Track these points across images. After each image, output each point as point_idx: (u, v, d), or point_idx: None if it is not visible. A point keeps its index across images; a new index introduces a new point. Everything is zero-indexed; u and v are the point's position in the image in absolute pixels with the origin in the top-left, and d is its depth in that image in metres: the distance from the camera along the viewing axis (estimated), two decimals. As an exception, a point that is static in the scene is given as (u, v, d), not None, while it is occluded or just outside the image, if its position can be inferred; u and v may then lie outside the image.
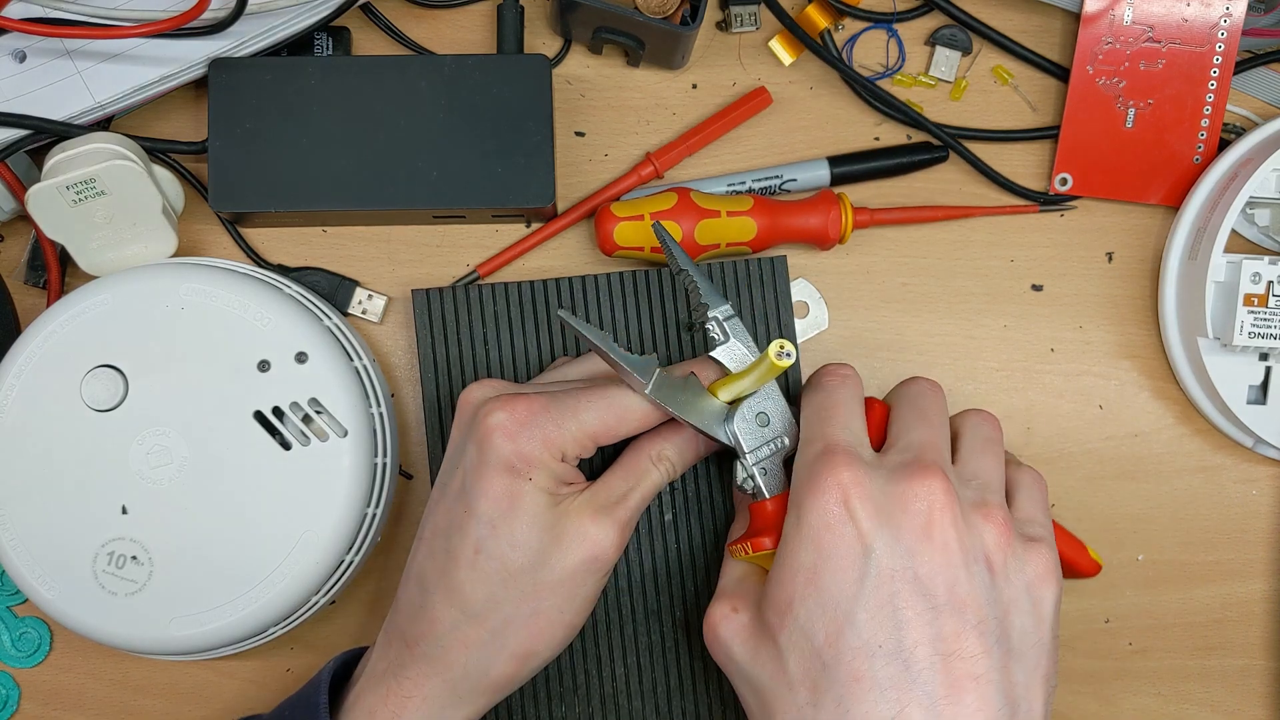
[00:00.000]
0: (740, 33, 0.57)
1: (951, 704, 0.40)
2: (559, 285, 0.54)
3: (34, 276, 0.55)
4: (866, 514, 0.42)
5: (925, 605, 0.41)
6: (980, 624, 0.41)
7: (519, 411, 0.45)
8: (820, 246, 0.55)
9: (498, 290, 0.53)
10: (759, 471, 0.47)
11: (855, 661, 0.40)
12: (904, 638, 0.40)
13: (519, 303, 0.54)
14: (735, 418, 0.47)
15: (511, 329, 0.54)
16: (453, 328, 0.53)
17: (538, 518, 0.45)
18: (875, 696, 0.40)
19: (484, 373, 0.54)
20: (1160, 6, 0.54)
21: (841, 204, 0.55)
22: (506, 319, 0.54)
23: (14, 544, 0.49)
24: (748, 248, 0.54)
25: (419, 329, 0.53)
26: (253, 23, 0.52)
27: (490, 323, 0.54)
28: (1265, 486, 0.57)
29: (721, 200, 0.54)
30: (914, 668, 0.40)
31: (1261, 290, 0.53)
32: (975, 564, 0.42)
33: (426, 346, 0.54)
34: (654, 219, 0.53)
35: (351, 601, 0.56)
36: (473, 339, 0.53)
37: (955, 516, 0.42)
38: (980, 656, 0.41)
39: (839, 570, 0.41)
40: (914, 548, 0.41)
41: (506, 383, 0.49)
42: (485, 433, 0.45)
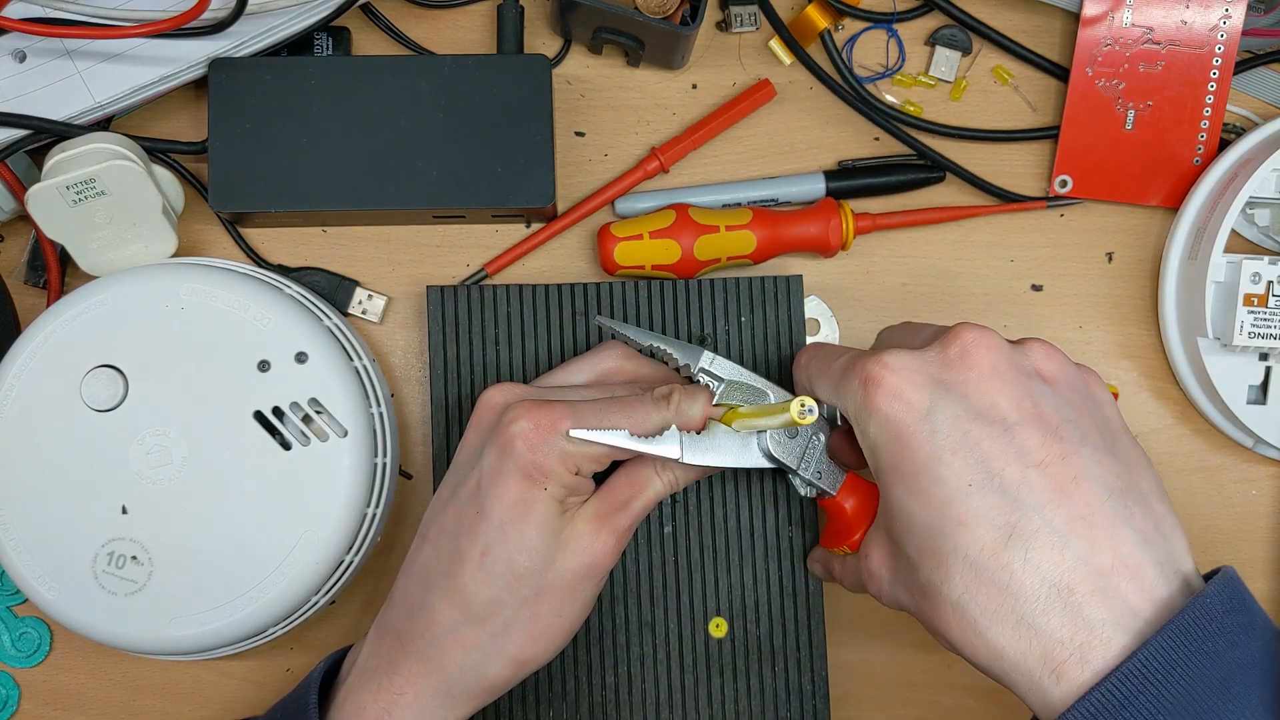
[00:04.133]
0: (740, 33, 0.57)
1: (1059, 508, 0.40)
2: (574, 290, 0.53)
3: (34, 276, 0.55)
4: (912, 384, 0.42)
5: (998, 430, 0.41)
6: (1058, 429, 0.41)
7: (542, 421, 0.45)
8: (823, 255, 0.56)
9: (512, 291, 0.53)
10: (815, 476, 0.48)
11: (955, 509, 0.40)
12: (990, 466, 0.40)
13: (533, 305, 0.53)
14: (767, 442, 0.47)
15: (524, 330, 0.53)
16: (464, 326, 0.53)
17: (546, 524, 0.45)
18: (984, 528, 0.40)
19: (493, 374, 0.53)
20: (1160, 8, 0.54)
21: (842, 212, 0.55)
22: (520, 320, 0.53)
23: (14, 544, 0.49)
24: (749, 260, 0.54)
25: (431, 325, 0.53)
26: (253, 23, 0.52)
27: (503, 323, 0.53)
28: (1265, 486, 0.57)
29: (719, 215, 0.54)
30: (1009, 488, 0.40)
31: (1261, 290, 0.53)
32: (1031, 380, 0.42)
33: (438, 343, 0.53)
34: (653, 237, 0.53)
35: (351, 601, 0.56)
36: (484, 339, 0.53)
37: (998, 345, 0.42)
38: (1070, 457, 0.40)
39: (910, 445, 0.41)
40: (967, 388, 0.42)
41: (526, 387, 0.49)
42: (508, 439, 0.45)
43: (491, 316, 0.53)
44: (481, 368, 0.53)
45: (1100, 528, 0.39)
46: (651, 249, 0.54)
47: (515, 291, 0.53)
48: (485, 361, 0.53)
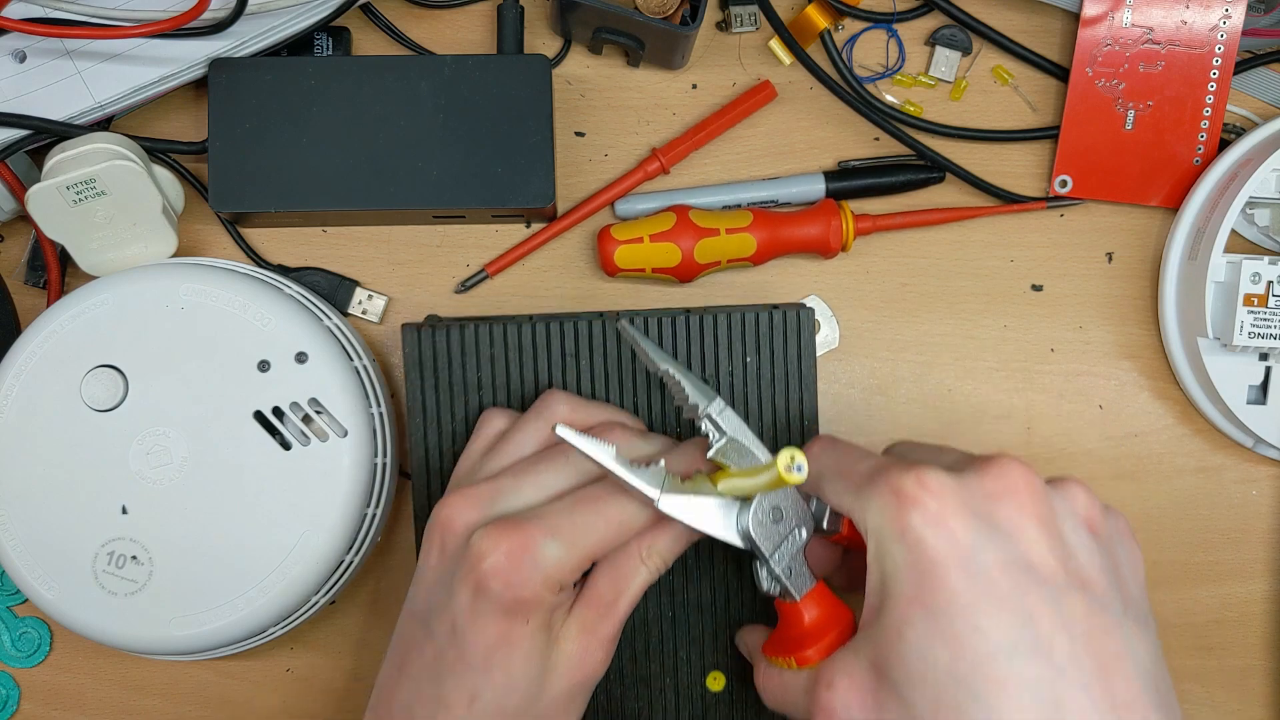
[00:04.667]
0: (740, 33, 0.57)
1: (1103, 690, 0.36)
2: (564, 328, 0.51)
3: (34, 276, 0.55)
4: (954, 512, 0.38)
5: (1047, 591, 0.37)
6: (1103, 595, 0.38)
7: (514, 548, 0.42)
8: (823, 256, 0.56)
9: (495, 331, 0.51)
10: (785, 573, 0.44)
11: (995, 668, 0.36)
12: (1038, 631, 0.37)
13: (518, 345, 0.51)
14: (749, 518, 0.44)
15: (509, 374, 0.51)
16: (444, 371, 0.51)
17: (532, 657, 0.43)
18: (1027, 697, 0.36)
19: (472, 419, 0.50)
20: (1160, 8, 0.54)
21: (842, 213, 0.55)
22: (504, 361, 0.51)
23: (14, 544, 0.49)
24: (749, 262, 0.54)
25: (408, 370, 0.51)
26: (253, 23, 0.52)
27: (485, 366, 0.51)
28: (1265, 486, 0.57)
29: (720, 217, 0.54)
30: (1056, 659, 0.37)
31: (1261, 290, 0.53)
32: (1078, 531, 0.39)
33: (415, 390, 0.51)
34: (653, 240, 0.53)
35: (351, 601, 0.56)
36: (465, 384, 0.51)
37: (1041, 488, 0.39)
38: (1113, 631, 0.38)
39: (946, 582, 0.37)
40: (1014, 532, 0.38)
41: (486, 489, 0.45)
42: (482, 577, 0.42)
43: (474, 359, 0.51)
44: (464, 417, 0.51)
45: (1138, 716, 0.37)
46: (652, 252, 0.54)
47: (499, 331, 0.50)
48: (469, 410, 0.51)
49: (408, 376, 0.51)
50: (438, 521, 0.44)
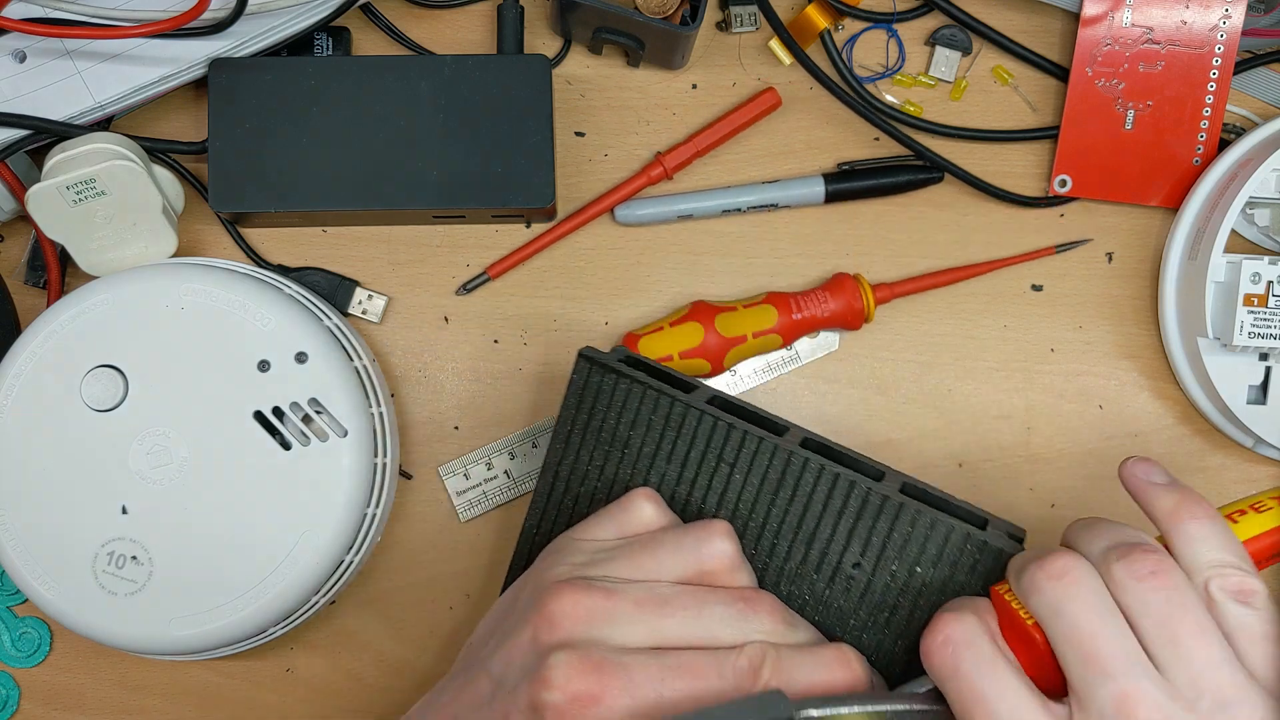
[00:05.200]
0: (740, 33, 0.57)
1: None
2: (744, 437, 0.45)
3: (34, 276, 0.55)
4: None
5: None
6: None
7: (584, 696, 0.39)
8: (849, 329, 0.56)
9: (663, 402, 0.46)
10: None
11: None
12: None
13: (679, 425, 0.46)
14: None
15: (659, 447, 0.46)
16: (601, 412, 0.47)
17: None
18: None
19: (610, 472, 0.47)
20: (1160, 8, 0.54)
21: (860, 287, 0.55)
22: (659, 435, 0.46)
23: (14, 544, 0.49)
24: (776, 335, 0.55)
25: (569, 397, 0.48)
26: (253, 23, 0.52)
27: (641, 429, 0.47)
28: (1265, 487, 0.57)
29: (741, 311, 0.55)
30: None
31: (1261, 290, 0.53)
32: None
33: (568, 420, 0.48)
34: (672, 326, 0.54)
35: (351, 601, 0.56)
36: (614, 436, 0.47)
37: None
38: None
39: None
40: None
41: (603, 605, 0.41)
42: (539, 705, 0.39)
43: (632, 417, 0.47)
44: (600, 466, 0.48)
45: None
46: (675, 337, 0.54)
47: (667, 404, 0.46)
48: (606, 461, 0.47)
49: (565, 403, 0.48)
50: (547, 609, 0.41)
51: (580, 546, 0.44)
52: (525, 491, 0.56)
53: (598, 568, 0.43)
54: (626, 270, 0.57)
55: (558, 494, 0.48)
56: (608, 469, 0.47)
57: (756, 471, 0.45)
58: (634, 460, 0.47)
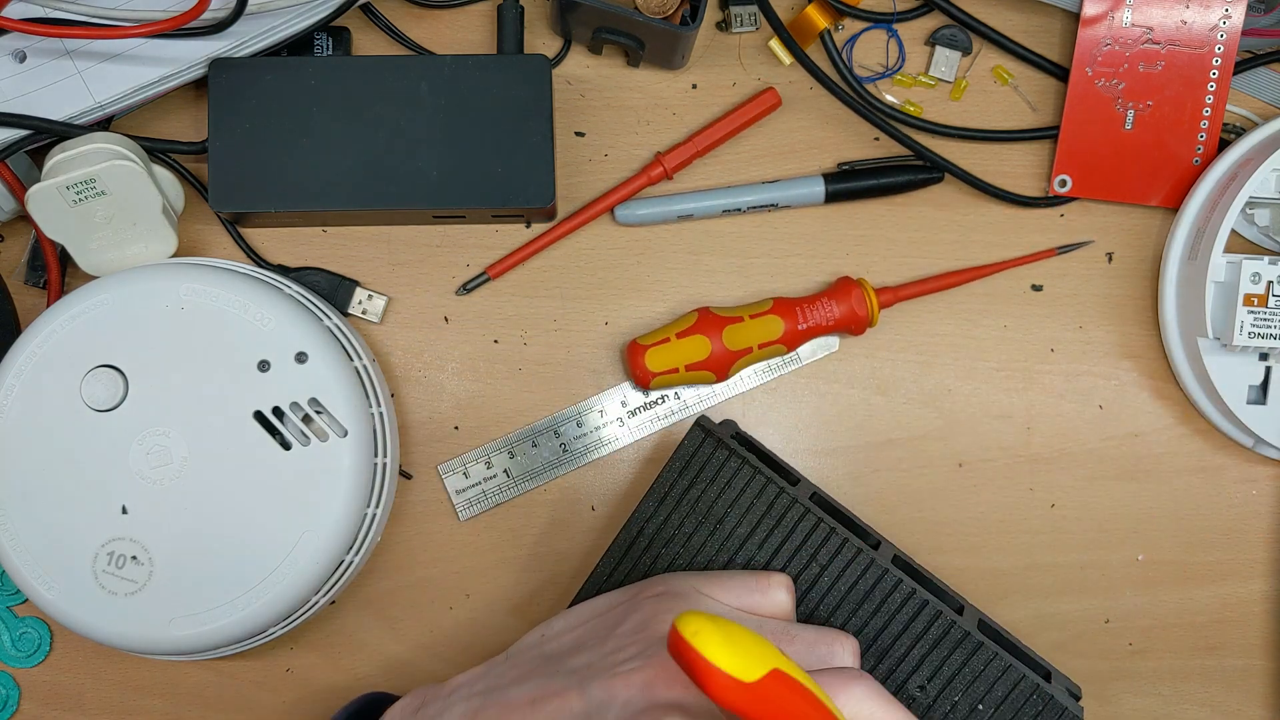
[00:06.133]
0: (740, 33, 0.57)
1: None
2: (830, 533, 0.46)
3: (34, 276, 0.55)
4: None
5: None
6: None
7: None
8: (853, 334, 0.56)
9: (756, 480, 0.47)
10: None
11: None
12: None
13: (769, 505, 0.47)
14: None
15: (744, 519, 0.47)
16: (703, 483, 0.48)
17: None
18: None
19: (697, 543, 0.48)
20: (1160, 8, 0.54)
21: (864, 291, 0.55)
22: (746, 510, 0.47)
23: (14, 544, 0.49)
24: (782, 345, 0.55)
25: (676, 459, 0.48)
26: (253, 23, 0.52)
27: (730, 495, 0.48)
28: (1265, 486, 0.57)
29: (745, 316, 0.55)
30: None
31: (1261, 290, 0.53)
32: None
33: (668, 480, 0.48)
34: (679, 337, 0.54)
35: (351, 601, 0.56)
36: (706, 499, 0.48)
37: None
38: None
39: None
40: None
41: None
42: None
43: (728, 486, 0.48)
44: (694, 529, 0.48)
45: None
46: (681, 349, 0.54)
47: (759, 482, 0.47)
48: (699, 524, 0.48)
49: (670, 465, 0.48)
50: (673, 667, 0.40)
51: (709, 603, 0.44)
52: (524, 490, 0.56)
53: None
54: (626, 270, 0.57)
55: (638, 549, 0.49)
56: (695, 539, 0.48)
57: (846, 580, 0.47)
58: (725, 537, 0.48)
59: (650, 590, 0.45)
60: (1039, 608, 0.57)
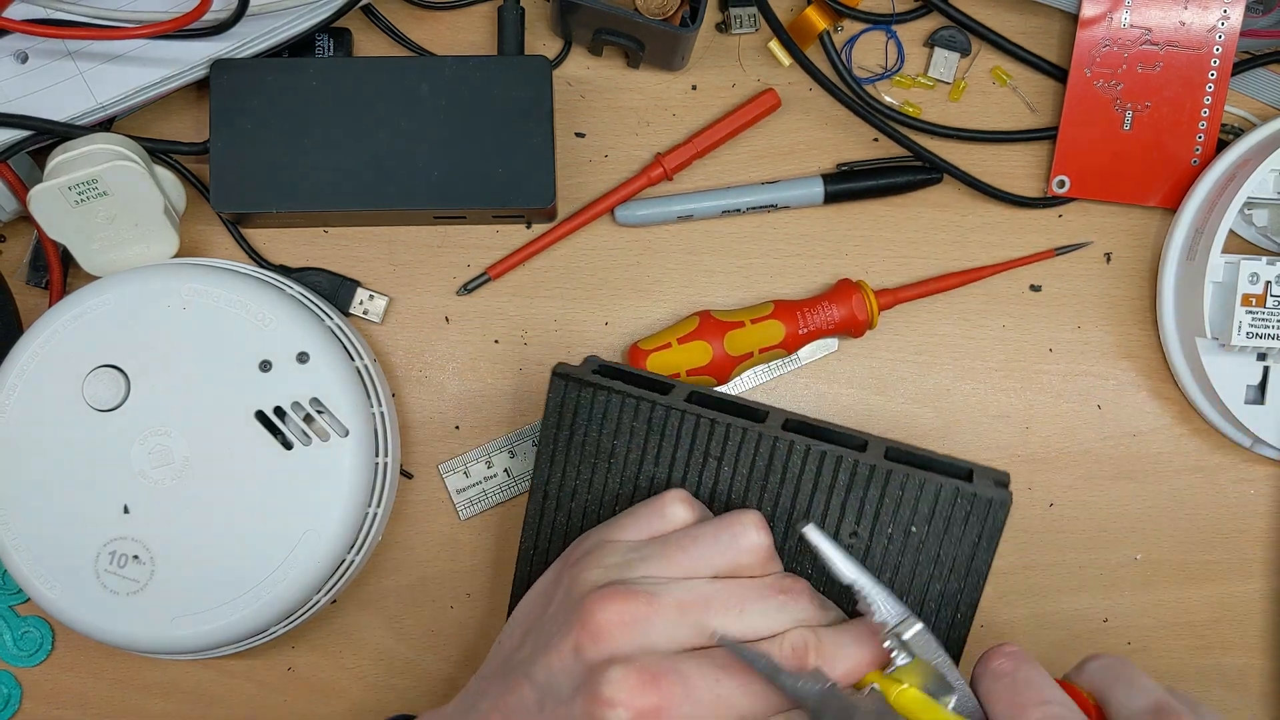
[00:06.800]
0: (740, 34, 0.57)
1: None
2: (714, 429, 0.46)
3: (36, 277, 0.55)
4: None
5: None
6: None
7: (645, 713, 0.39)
8: (853, 336, 0.56)
9: (643, 407, 0.46)
10: None
11: None
12: None
13: (661, 429, 0.46)
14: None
15: (645, 451, 0.47)
16: (582, 427, 0.47)
17: None
18: None
19: (599, 483, 0.47)
20: (1158, 9, 0.55)
21: (864, 294, 0.55)
22: (643, 438, 0.47)
23: (16, 543, 0.50)
24: (783, 350, 0.55)
25: (548, 416, 0.47)
26: (254, 24, 0.52)
27: (624, 436, 0.47)
28: (1263, 486, 0.58)
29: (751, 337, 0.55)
30: None
31: (1259, 290, 0.53)
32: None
33: (549, 439, 0.48)
34: (680, 343, 0.54)
35: (352, 601, 0.56)
36: (599, 448, 0.47)
37: None
38: None
39: None
40: None
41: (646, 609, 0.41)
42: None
43: (613, 427, 0.47)
44: (589, 479, 0.48)
45: None
46: (683, 354, 0.54)
47: (647, 409, 0.46)
48: (594, 474, 0.47)
49: (545, 423, 0.48)
50: (591, 619, 0.41)
51: (613, 547, 0.44)
52: (525, 490, 0.56)
53: (634, 569, 0.43)
54: (626, 270, 0.57)
55: (550, 512, 0.48)
56: (596, 480, 0.48)
57: (744, 461, 0.46)
58: (621, 468, 0.47)
59: (569, 561, 0.45)
60: (1038, 607, 0.57)
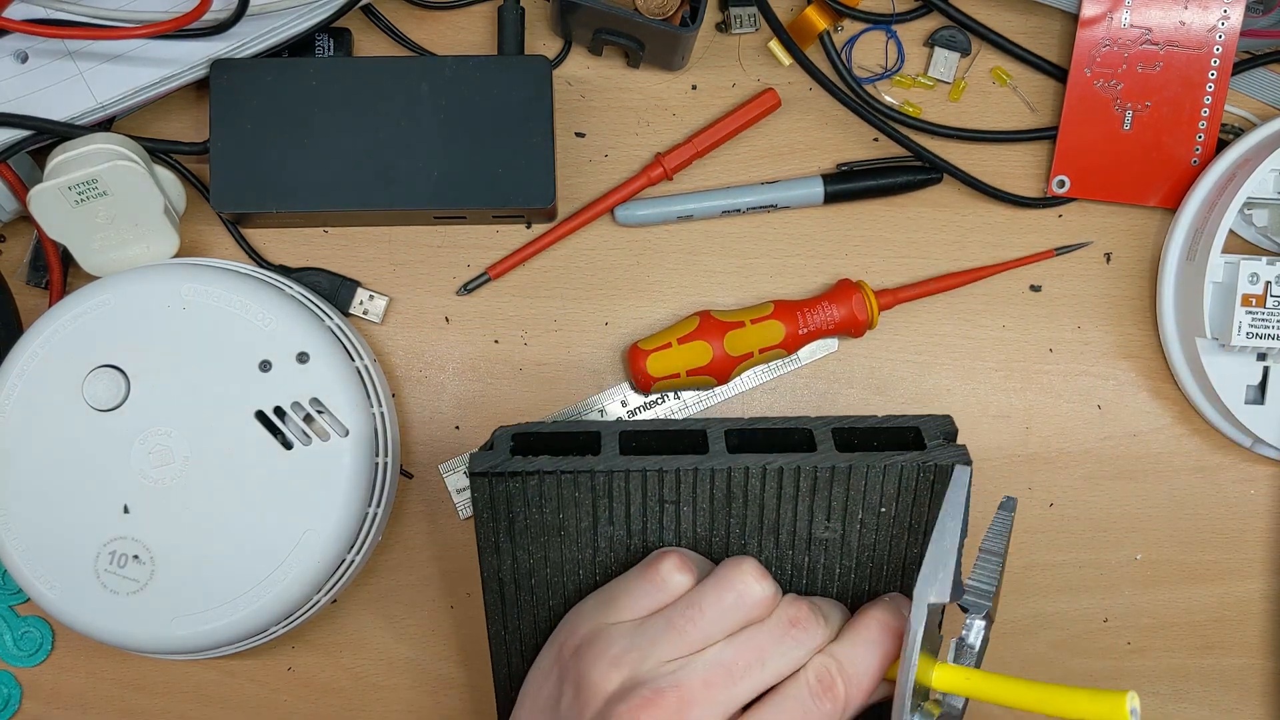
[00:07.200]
0: (740, 34, 0.57)
1: None
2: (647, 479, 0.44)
3: (36, 277, 0.55)
4: None
5: None
6: None
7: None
8: (853, 336, 0.56)
9: (581, 480, 0.44)
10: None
11: None
12: None
13: (607, 493, 0.44)
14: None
15: (597, 517, 0.45)
16: (520, 515, 0.45)
17: None
18: None
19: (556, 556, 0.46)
20: (1158, 9, 0.55)
21: (864, 295, 0.55)
22: (591, 509, 0.45)
23: (16, 543, 0.50)
24: (783, 350, 0.55)
25: (479, 513, 0.45)
26: (254, 24, 0.52)
27: (569, 509, 0.45)
28: (1263, 486, 0.58)
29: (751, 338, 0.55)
30: None
31: (1259, 290, 0.53)
32: None
33: (487, 533, 0.45)
34: (680, 343, 0.54)
35: (353, 600, 0.56)
36: (544, 526, 0.45)
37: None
38: None
39: None
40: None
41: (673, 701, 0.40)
42: None
43: (555, 504, 0.45)
44: (543, 556, 0.46)
45: None
46: (683, 355, 0.54)
47: (584, 480, 0.44)
48: (548, 555, 0.46)
49: (478, 519, 0.45)
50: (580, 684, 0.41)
51: (616, 631, 0.42)
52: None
53: (648, 657, 0.41)
54: (626, 270, 0.57)
55: (510, 596, 0.47)
56: (551, 556, 0.46)
57: (702, 497, 0.44)
58: (575, 537, 0.45)
59: (567, 648, 0.44)
60: (1038, 607, 0.57)
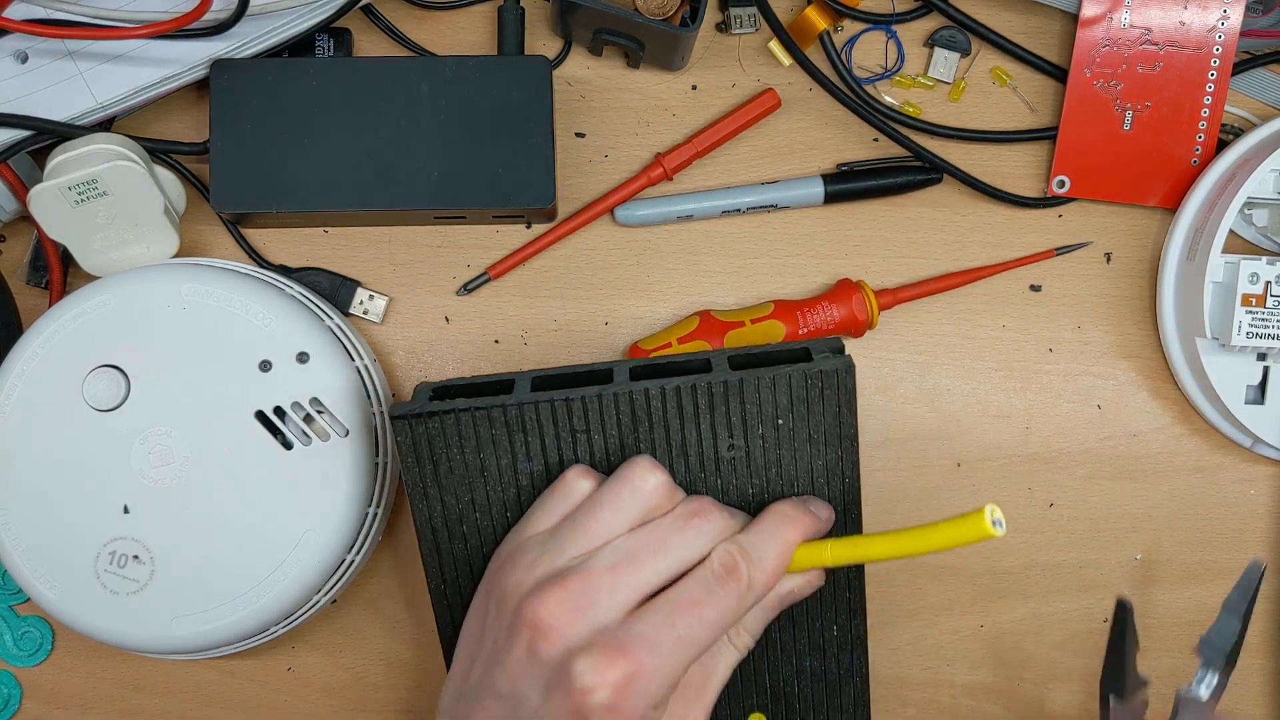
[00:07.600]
0: (740, 34, 0.57)
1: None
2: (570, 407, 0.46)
3: (36, 277, 0.55)
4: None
5: None
6: None
7: (622, 682, 0.40)
8: (853, 336, 0.56)
9: (494, 415, 0.45)
10: None
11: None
12: None
13: (520, 425, 0.46)
14: None
15: (514, 453, 0.46)
16: (442, 457, 0.46)
17: None
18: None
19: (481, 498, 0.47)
20: (1158, 9, 0.55)
21: (864, 295, 0.55)
22: (508, 445, 0.46)
23: (16, 543, 0.50)
24: None
25: (404, 460, 0.46)
26: (254, 24, 0.52)
27: (488, 448, 0.46)
28: (1263, 486, 0.58)
29: (751, 338, 0.55)
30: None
31: (1259, 290, 0.53)
32: None
33: (415, 480, 0.46)
34: (680, 342, 0.54)
35: (353, 600, 0.56)
36: (467, 467, 0.46)
37: None
38: None
39: None
40: None
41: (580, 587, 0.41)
42: (586, 713, 0.39)
43: (473, 444, 0.46)
44: (470, 499, 0.47)
45: None
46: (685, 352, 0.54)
47: (498, 414, 0.45)
48: (474, 493, 0.47)
49: (405, 465, 0.46)
50: (529, 621, 0.41)
51: (528, 544, 0.44)
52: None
53: (556, 556, 0.43)
54: (626, 270, 0.57)
55: (445, 544, 0.47)
56: (478, 498, 0.47)
57: (610, 423, 0.46)
58: (498, 477, 0.46)
59: (491, 574, 0.45)
60: (1038, 607, 0.57)
